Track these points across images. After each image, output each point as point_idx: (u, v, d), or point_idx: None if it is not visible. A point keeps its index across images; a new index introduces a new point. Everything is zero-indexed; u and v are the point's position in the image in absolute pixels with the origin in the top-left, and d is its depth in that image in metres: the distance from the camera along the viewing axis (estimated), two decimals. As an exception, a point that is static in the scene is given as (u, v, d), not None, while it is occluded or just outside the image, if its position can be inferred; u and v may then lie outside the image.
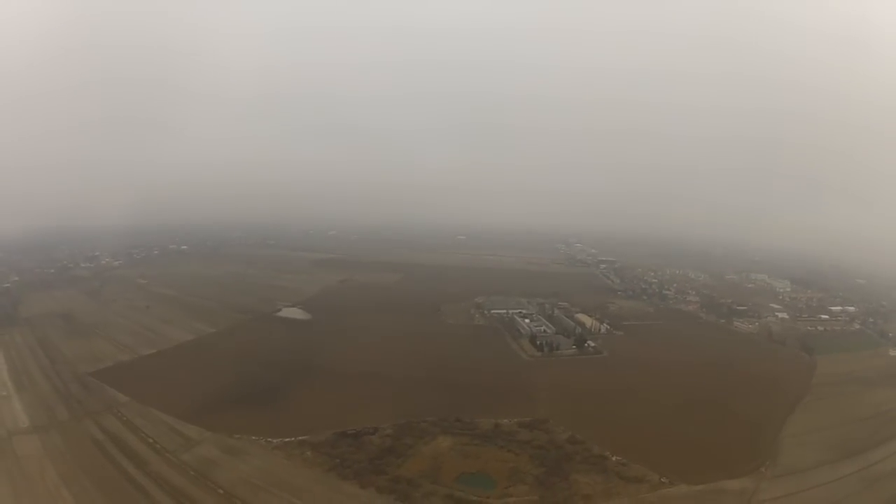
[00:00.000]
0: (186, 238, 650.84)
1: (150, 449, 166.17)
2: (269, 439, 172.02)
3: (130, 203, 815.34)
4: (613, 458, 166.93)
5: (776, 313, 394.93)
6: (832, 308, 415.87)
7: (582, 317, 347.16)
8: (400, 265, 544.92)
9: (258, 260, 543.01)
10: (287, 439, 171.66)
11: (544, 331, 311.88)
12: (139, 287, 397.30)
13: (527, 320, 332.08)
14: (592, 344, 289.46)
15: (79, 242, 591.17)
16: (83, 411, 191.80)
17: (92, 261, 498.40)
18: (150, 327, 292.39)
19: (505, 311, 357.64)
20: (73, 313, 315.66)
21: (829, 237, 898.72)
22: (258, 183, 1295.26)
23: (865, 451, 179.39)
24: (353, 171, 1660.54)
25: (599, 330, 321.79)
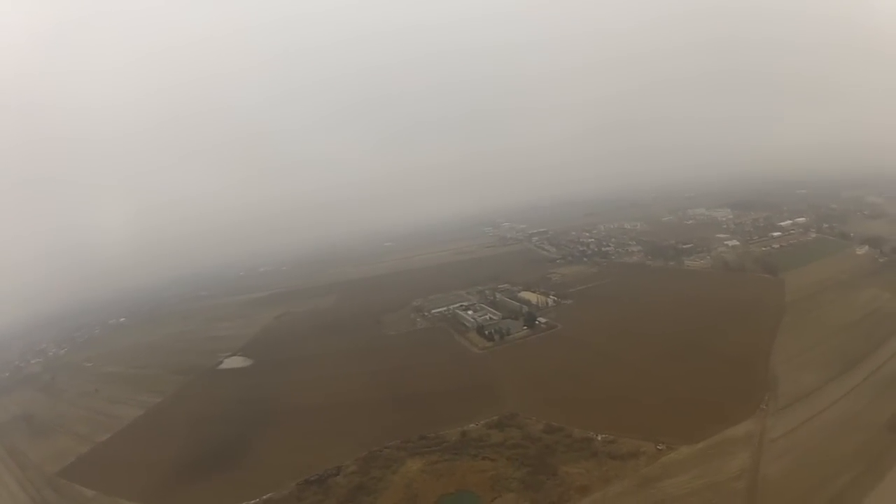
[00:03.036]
0: (123, 308, 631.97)
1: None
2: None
3: (63, 282, 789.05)
4: (599, 438, 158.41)
5: (725, 242, 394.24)
6: (781, 224, 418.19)
7: (526, 294, 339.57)
8: (333, 286, 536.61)
9: (194, 314, 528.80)
10: (252, 502, 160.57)
11: (490, 318, 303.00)
12: (86, 371, 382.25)
13: (470, 312, 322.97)
14: (544, 320, 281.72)
15: (27, 335, 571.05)
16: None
17: (40, 354, 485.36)
18: (102, 411, 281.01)
19: (446, 307, 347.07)
20: (32, 413, 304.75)
21: (760, 154, 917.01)
22: (183, 234, 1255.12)
23: (868, 356, 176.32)
24: (275, 202, 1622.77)
25: (547, 304, 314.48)
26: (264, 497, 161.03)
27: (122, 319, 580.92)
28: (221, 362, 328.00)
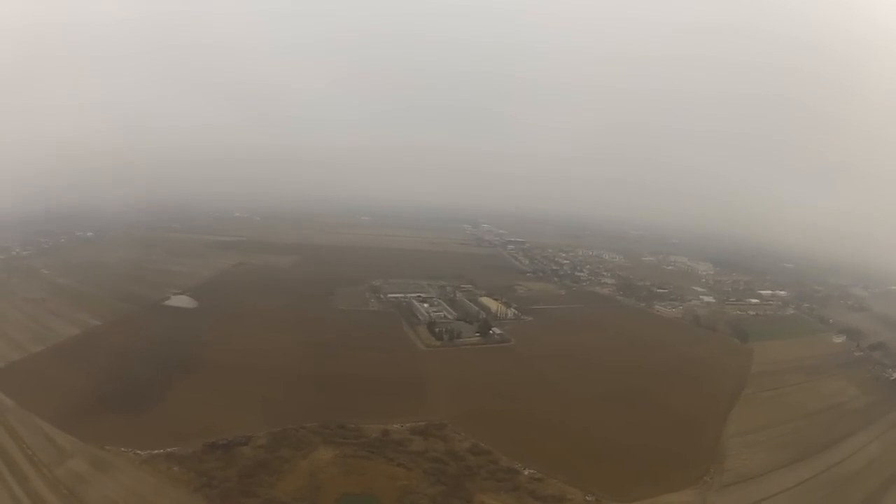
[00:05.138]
0: (94, 223, 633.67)
1: (29, 462, 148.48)
2: (138, 451, 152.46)
3: (40, 187, 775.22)
4: (526, 472, 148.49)
5: (701, 297, 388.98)
6: (761, 292, 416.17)
7: (487, 300, 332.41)
8: (299, 246, 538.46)
9: (159, 244, 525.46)
10: (155, 452, 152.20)
11: (444, 316, 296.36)
12: (42, 277, 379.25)
13: (426, 305, 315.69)
14: (498, 331, 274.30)
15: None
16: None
17: (4, 252, 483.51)
18: (42, 321, 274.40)
19: (403, 294, 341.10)
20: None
21: (749, 219, 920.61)
22: (172, 163, 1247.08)
23: (824, 451, 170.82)
24: (265, 150, 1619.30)
25: (506, 315, 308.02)
26: (168, 450, 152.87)
27: (90, 234, 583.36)
28: (168, 298, 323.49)
